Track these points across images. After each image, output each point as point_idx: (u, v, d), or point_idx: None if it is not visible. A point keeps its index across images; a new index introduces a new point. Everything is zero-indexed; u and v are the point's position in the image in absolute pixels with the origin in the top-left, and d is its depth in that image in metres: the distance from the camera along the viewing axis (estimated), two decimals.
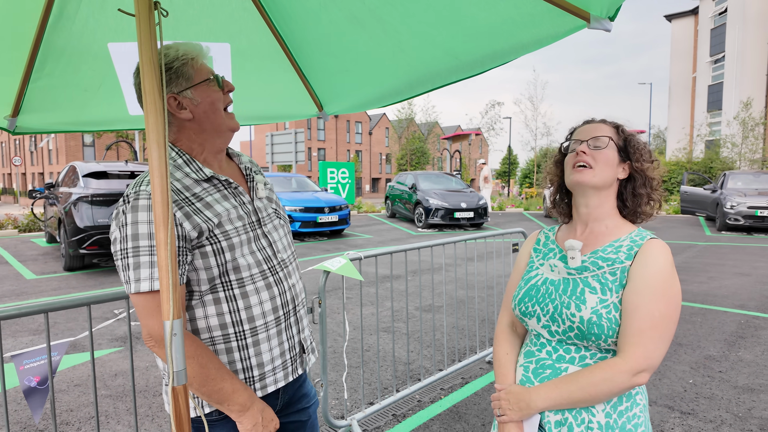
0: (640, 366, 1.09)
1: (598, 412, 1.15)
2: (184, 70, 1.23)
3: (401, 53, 1.76)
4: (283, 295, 1.32)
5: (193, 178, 1.23)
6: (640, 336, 1.10)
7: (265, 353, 1.28)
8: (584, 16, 1.41)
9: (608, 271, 1.18)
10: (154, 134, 1.00)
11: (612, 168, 1.24)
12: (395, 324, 5.06)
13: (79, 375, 3.85)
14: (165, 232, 1.00)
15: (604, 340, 1.14)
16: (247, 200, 1.32)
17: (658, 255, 1.15)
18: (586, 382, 1.12)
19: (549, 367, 1.21)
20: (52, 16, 1.56)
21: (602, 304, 1.15)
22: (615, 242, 1.21)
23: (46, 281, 7.31)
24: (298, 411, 1.45)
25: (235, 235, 1.23)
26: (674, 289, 1.13)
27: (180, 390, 1.02)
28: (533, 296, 1.27)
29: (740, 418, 3.06)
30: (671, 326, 1.12)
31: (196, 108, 1.24)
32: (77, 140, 35.65)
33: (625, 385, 1.10)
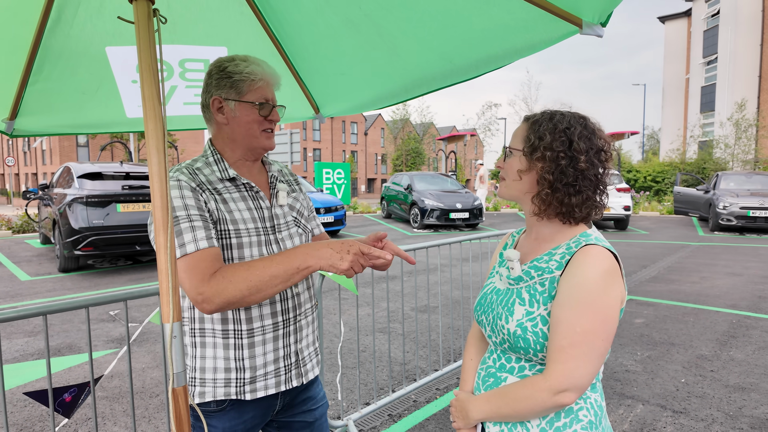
0: (560, 385, 1.01)
1: (532, 427, 1.10)
2: (239, 85, 1.31)
3: (396, 57, 1.79)
4: (284, 302, 1.35)
5: (217, 177, 1.32)
6: (560, 353, 1.01)
7: (259, 357, 1.31)
8: (576, 22, 1.44)
9: (538, 282, 1.10)
10: (154, 140, 1.02)
11: (513, 171, 1.16)
12: (391, 325, 5.08)
13: (74, 376, 3.85)
14: (165, 236, 1.02)
15: (533, 354, 1.08)
16: (265, 205, 1.37)
17: (588, 264, 1.03)
18: (512, 397, 1.08)
19: (492, 376, 1.18)
20: (50, 20, 1.57)
21: (528, 316, 1.08)
22: (553, 250, 1.12)
23: (40, 282, 7.28)
24: (304, 412, 1.47)
25: (245, 235, 1.29)
26: (602, 302, 1.01)
27: (180, 391, 1.04)
28: (482, 305, 1.24)
29: (731, 417, 3.10)
30: (597, 343, 1.01)
31: (233, 119, 1.33)
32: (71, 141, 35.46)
33: (547, 404, 1.03)
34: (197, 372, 1.29)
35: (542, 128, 1.12)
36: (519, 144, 1.16)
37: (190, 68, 1.87)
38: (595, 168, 1.10)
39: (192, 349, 1.30)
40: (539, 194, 1.12)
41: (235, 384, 1.29)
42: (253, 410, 1.34)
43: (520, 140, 1.16)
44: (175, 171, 1.28)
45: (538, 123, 1.14)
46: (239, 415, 1.32)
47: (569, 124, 1.11)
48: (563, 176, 1.09)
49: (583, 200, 1.10)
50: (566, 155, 1.09)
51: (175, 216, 1.19)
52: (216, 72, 1.33)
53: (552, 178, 1.09)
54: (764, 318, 5.22)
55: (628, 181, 25.04)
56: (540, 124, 1.13)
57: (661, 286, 6.76)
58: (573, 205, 1.10)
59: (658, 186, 25.02)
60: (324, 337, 4.67)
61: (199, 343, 1.29)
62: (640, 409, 3.22)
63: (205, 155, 1.36)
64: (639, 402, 3.32)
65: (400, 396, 3.30)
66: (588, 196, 1.10)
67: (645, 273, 7.70)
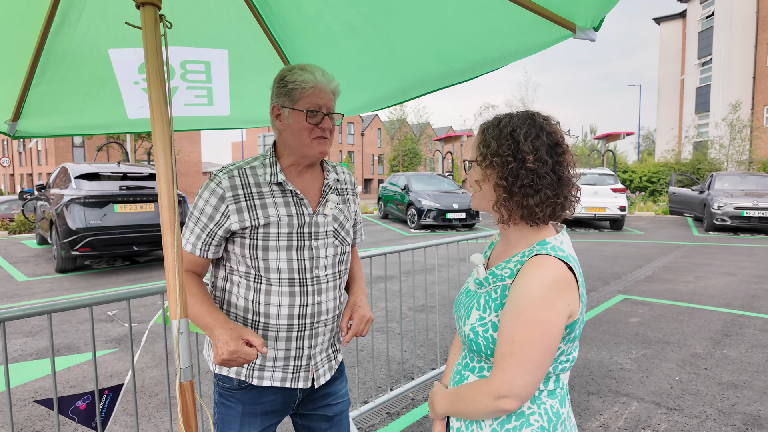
0: (499, 391, 1.02)
1: (485, 427, 1.11)
2: (293, 93, 1.36)
3: (395, 59, 1.82)
4: (303, 308, 1.39)
5: (267, 179, 1.38)
6: (500, 360, 1.03)
7: (270, 350, 1.38)
8: (570, 27, 1.47)
9: (493, 289, 1.12)
10: (161, 142, 1.05)
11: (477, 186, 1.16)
12: (389, 324, 5.11)
13: (74, 376, 3.86)
14: (171, 235, 1.05)
15: (485, 358, 1.11)
16: (308, 212, 1.40)
17: (532, 276, 1.02)
18: (462, 397, 1.12)
19: (459, 373, 1.22)
20: (54, 23, 1.60)
21: (480, 321, 1.10)
22: (513, 257, 1.11)
23: (38, 283, 7.28)
24: (324, 406, 1.53)
25: (274, 239, 1.35)
26: (542, 315, 0.99)
27: (187, 386, 1.07)
28: (456, 304, 1.26)
29: (724, 414, 3.15)
30: (534, 354, 1.00)
31: (287, 125, 1.38)
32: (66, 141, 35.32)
33: (488, 408, 1.05)
34: None
35: (489, 135, 1.11)
36: (474, 154, 1.16)
37: (191, 69, 1.90)
38: (547, 165, 1.06)
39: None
40: (498, 201, 1.10)
41: (247, 366, 1.38)
42: (273, 395, 1.42)
43: (474, 150, 1.16)
44: (225, 172, 1.36)
45: (486, 131, 1.13)
46: (259, 396, 1.40)
47: (514, 126, 1.08)
48: (516, 179, 1.06)
49: (542, 200, 1.06)
50: (515, 158, 1.06)
51: (191, 212, 1.33)
52: (278, 80, 1.39)
53: (506, 184, 1.07)
54: (758, 317, 5.28)
55: (623, 181, 25.17)
56: (487, 131, 1.13)
57: (656, 286, 6.82)
58: (533, 206, 1.07)
59: (653, 186, 25.16)
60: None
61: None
62: (635, 406, 3.27)
63: (265, 155, 1.43)
64: (634, 399, 3.36)
65: (398, 394, 3.33)
66: (547, 195, 1.06)
67: (640, 273, 7.76)
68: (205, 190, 1.34)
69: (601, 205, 13.39)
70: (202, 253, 1.34)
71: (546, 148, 1.07)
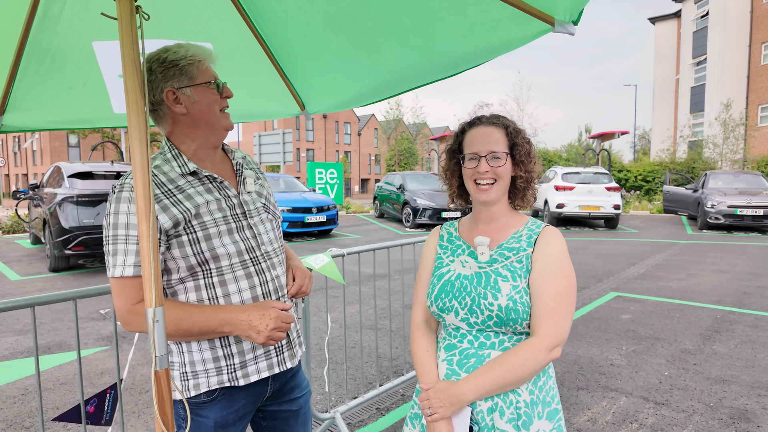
0: (554, 341, 1.20)
1: (523, 392, 1.23)
2: (188, 69, 1.29)
3: (377, 54, 1.83)
4: (265, 285, 1.35)
5: (178, 172, 1.29)
6: (550, 314, 1.20)
7: (246, 342, 1.31)
8: (549, 21, 1.49)
9: (515, 260, 1.27)
10: (136, 131, 1.06)
11: (509, 176, 1.34)
12: (379, 321, 5.12)
13: (64, 374, 3.86)
14: (147, 223, 1.05)
15: (520, 323, 1.23)
16: (232, 194, 1.36)
17: (555, 240, 1.28)
18: (511, 364, 1.19)
19: (473, 356, 1.26)
20: (37, 16, 1.60)
21: (515, 290, 1.23)
22: (516, 234, 1.33)
23: (31, 282, 7.26)
24: (290, 401, 1.49)
25: (212, 225, 1.28)
26: (571, 269, 1.27)
27: (162, 374, 1.07)
28: (449, 291, 1.31)
29: (711, 408, 3.17)
30: (573, 302, 1.25)
31: (192, 105, 1.30)
32: (62, 141, 35.19)
33: (544, 361, 1.20)
34: (187, 366, 1.30)
35: (521, 137, 1.34)
36: (504, 148, 1.32)
37: None
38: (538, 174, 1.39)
39: (176, 345, 1.31)
40: (523, 192, 1.36)
41: (226, 371, 1.30)
42: (245, 398, 1.35)
43: (506, 147, 1.32)
44: (131, 177, 1.19)
45: (516, 131, 1.34)
46: (230, 404, 1.33)
47: (524, 132, 1.36)
48: (532, 175, 1.35)
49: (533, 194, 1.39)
50: (530, 158, 1.35)
51: (114, 234, 1.19)
52: (157, 65, 1.28)
53: (530, 177, 1.35)
54: (748, 313, 5.32)
55: (618, 180, 25.25)
56: (518, 132, 1.34)
57: (649, 283, 6.86)
58: (535, 196, 1.39)
59: (648, 185, 25.25)
60: (313, 334, 4.71)
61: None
62: (623, 401, 3.29)
63: (163, 152, 1.33)
64: (622, 394, 3.38)
65: (387, 390, 3.34)
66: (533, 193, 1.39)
67: (633, 270, 7.80)
68: (120, 203, 1.19)
69: (596, 203, 13.45)
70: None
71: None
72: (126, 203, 1.19)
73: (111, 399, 1.94)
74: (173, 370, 1.31)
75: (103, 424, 1.89)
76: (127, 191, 1.20)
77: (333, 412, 2.94)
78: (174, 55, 1.29)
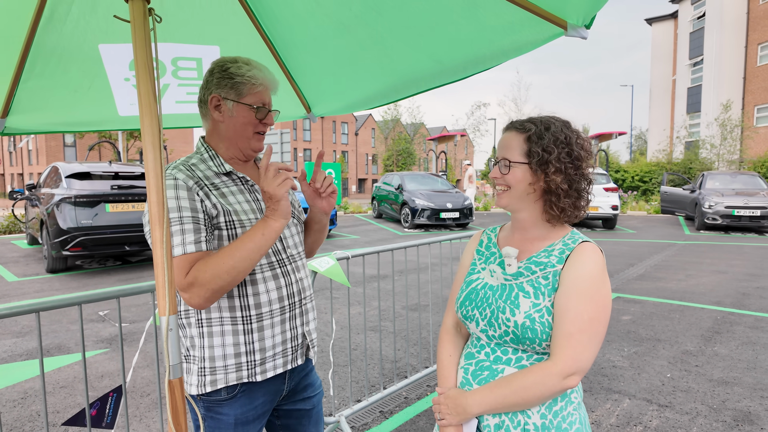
0: (569, 369, 1.10)
1: (533, 414, 1.16)
2: (240, 87, 1.36)
3: (387, 58, 1.82)
4: (290, 287, 1.41)
5: (213, 171, 1.36)
6: (568, 339, 1.10)
7: (268, 339, 1.36)
8: (561, 25, 1.48)
9: (541, 276, 1.18)
10: (150, 136, 1.04)
11: (524, 184, 1.21)
12: (382, 323, 5.11)
13: (64, 377, 3.83)
14: (161, 230, 1.04)
15: (538, 343, 1.15)
16: (261, 197, 1.42)
17: (587, 258, 1.15)
18: (519, 385, 1.13)
19: (487, 369, 1.22)
20: (44, 18, 1.58)
21: (535, 308, 1.15)
22: (549, 247, 1.21)
23: (28, 283, 7.21)
24: (303, 399, 1.53)
25: (249, 224, 1.34)
26: (603, 292, 1.13)
27: (176, 383, 1.06)
28: (473, 300, 1.27)
29: (715, 410, 3.17)
30: (600, 329, 1.12)
31: (229, 118, 1.37)
32: (58, 141, 35.01)
33: (556, 389, 1.11)
34: (207, 361, 1.32)
35: (546, 141, 1.18)
36: (520, 157, 1.21)
37: (182, 66, 1.89)
38: (588, 168, 1.22)
39: (200, 339, 1.33)
40: (557, 203, 1.20)
41: (246, 367, 1.33)
42: (263, 396, 1.40)
43: (521, 153, 1.21)
44: (173, 169, 1.31)
45: (538, 136, 1.19)
46: (250, 401, 1.37)
47: (565, 134, 1.19)
48: (573, 182, 1.19)
49: (587, 201, 1.23)
50: (572, 164, 1.18)
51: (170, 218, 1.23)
52: (218, 71, 1.37)
53: (567, 187, 1.18)
54: (747, 314, 5.33)
55: (615, 181, 25.31)
56: (541, 136, 1.19)
57: (648, 284, 6.87)
58: (581, 208, 1.22)
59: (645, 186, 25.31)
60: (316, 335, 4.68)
61: (207, 333, 1.32)
62: (627, 403, 3.29)
63: (199, 152, 1.40)
64: (626, 396, 3.38)
65: (391, 393, 3.33)
66: (586, 197, 1.23)
67: (632, 271, 7.81)
68: (167, 189, 1.25)
69: (594, 204, 13.46)
70: (209, 246, 1.25)
71: (588, 153, 1.22)
72: (173, 189, 1.25)
73: (113, 402, 1.93)
74: (192, 363, 1.34)
75: (104, 427, 1.88)
76: (171, 180, 1.26)
77: (337, 415, 2.93)
78: (236, 69, 1.36)
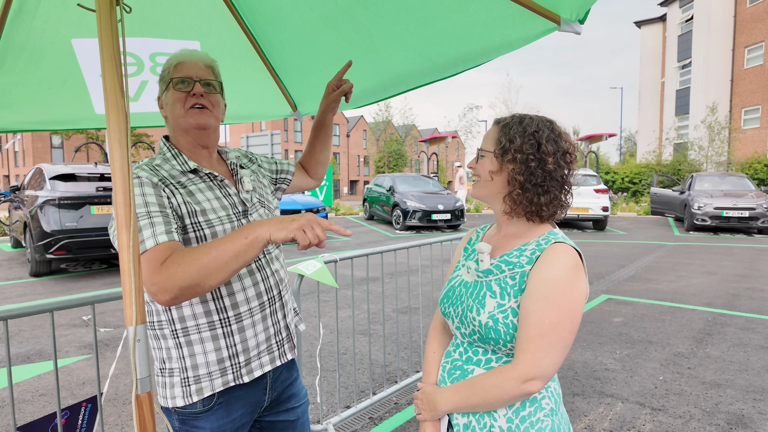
0: (528, 374, 1.06)
1: (499, 417, 1.14)
2: (165, 75, 1.33)
3: (374, 54, 1.76)
4: (266, 281, 1.35)
5: (178, 170, 1.31)
6: (529, 343, 1.06)
7: (251, 339, 1.31)
8: (555, 19, 1.43)
9: (509, 275, 1.15)
10: (116, 133, 0.97)
11: (487, 173, 1.19)
12: (372, 326, 5.04)
13: (44, 384, 3.72)
14: (128, 234, 0.97)
15: (503, 344, 1.12)
16: (233, 192, 1.37)
17: (557, 261, 1.09)
18: (480, 387, 1.12)
19: (459, 368, 1.21)
20: (12, 11, 1.50)
21: (499, 308, 1.12)
22: (522, 246, 1.17)
23: (10, 287, 7.05)
24: (287, 410, 1.46)
25: (218, 223, 1.28)
26: (570, 297, 1.07)
27: (144, 398, 0.98)
28: (450, 297, 1.26)
29: (708, 413, 3.14)
30: (564, 334, 1.07)
31: (167, 108, 1.34)
32: (44, 142, 34.55)
33: (514, 393, 1.08)
34: (189, 371, 1.25)
35: (513, 131, 1.17)
36: (490, 146, 1.21)
37: (161, 62, 1.81)
38: (561, 169, 1.16)
39: (177, 350, 1.26)
40: (510, 194, 1.17)
41: (231, 370, 1.28)
42: (242, 407, 1.33)
43: (492, 142, 1.21)
44: (136, 168, 1.26)
45: (508, 126, 1.18)
46: (227, 414, 1.29)
47: (538, 128, 1.16)
48: (532, 177, 1.14)
49: (550, 200, 1.16)
50: (535, 157, 1.14)
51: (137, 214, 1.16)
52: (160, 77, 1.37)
53: (522, 179, 1.14)
54: (738, 315, 5.33)
55: (606, 182, 25.45)
56: (510, 127, 1.18)
57: (639, 285, 6.86)
58: (541, 204, 1.15)
59: (635, 187, 25.49)
60: (304, 340, 4.61)
61: (185, 342, 1.25)
62: (620, 407, 3.25)
63: (162, 152, 1.36)
64: (618, 400, 3.34)
65: (381, 398, 3.26)
66: (555, 196, 1.16)
67: (623, 272, 7.81)
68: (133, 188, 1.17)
69: (584, 205, 13.50)
70: (179, 236, 1.17)
71: (561, 153, 1.16)
72: (139, 187, 1.20)
73: (87, 413, 1.83)
74: (172, 377, 1.26)
75: None
76: (135, 178, 1.21)
77: (325, 423, 2.85)
78: (165, 64, 1.34)
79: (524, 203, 1.15)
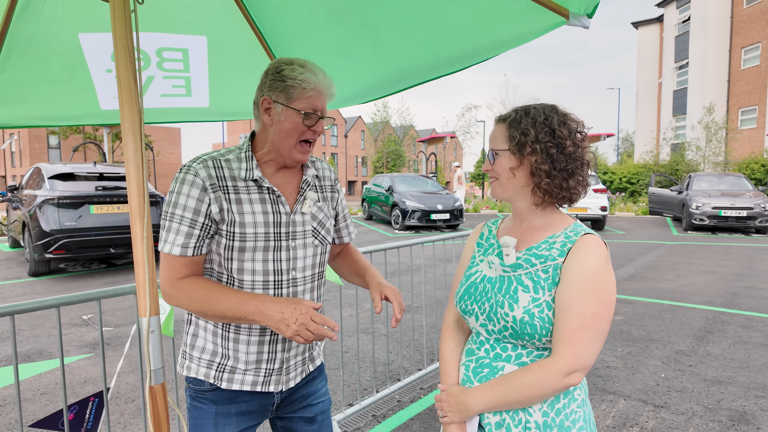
0: (571, 366, 1.06)
1: (535, 412, 1.13)
2: (291, 91, 1.26)
3: (381, 48, 1.76)
4: None
5: (242, 175, 1.28)
6: (570, 336, 1.06)
7: (241, 353, 1.31)
8: (563, 13, 1.43)
9: (541, 269, 1.14)
10: (130, 124, 0.97)
11: (507, 170, 1.19)
12: (374, 325, 5.04)
13: (45, 383, 3.70)
14: (141, 225, 0.96)
15: (538, 339, 1.11)
16: (285, 211, 1.32)
17: (590, 251, 1.10)
18: (519, 383, 1.10)
19: (487, 366, 1.19)
20: (19, 4, 1.50)
21: (534, 303, 1.11)
22: (550, 238, 1.17)
23: (9, 287, 7.02)
24: (303, 408, 1.46)
25: (251, 239, 1.26)
26: (606, 287, 1.09)
27: (158, 389, 0.98)
28: (472, 294, 1.23)
29: (710, 410, 3.15)
30: (603, 325, 1.08)
31: (277, 123, 1.28)
32: (42, 142, 34.43)
33: (557, 386, 1.08)
34: (188, 347, 1.33)
35: (523, 124, 1.16)
36: (503, 144, 1.20)
37: (168, 57, 1.81)
38: (579, 149, 1.17)
39: (188, 326, 1.33)
40: (539, 185, 1.16)
41: (216, 367, 1.30)
42: (247, 395, 1.35)
43: (503, 140, 1.20)
44: (199, 162, 1.24)
45: (516, 120, 1.18)
46: (233, 397, 1.33)
47: (546, 115, 1.16)
48: (557, 163, 1.13)
49: (578, 182, 1.16)
50: (553, 143, 1.14)
51: (170, 211, 1.19)
52: (272, 72, 1.29)
53: (548, 168, 1.14)
54: (738, 313, 5.35)
55: (604, 182, 25.49)
56: (519, 121, 1.17)
57: (639, 284, 6.88)
58: (570, 189, 1.15)
59: (633, 187, 25.54)
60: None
61: (194, 321, 1.31)
62: (623, 404, 3.25)
63: (240, 149, 1.32)
64: (621, 397, 3.35)
65: (384, 396, 3.26)
66: (582, 177, 1.17)
67: (623, 272, 7.82)
68: (182, 183, 1.20)
69: (583, 205, 13.52)
70: (197, 251, 1.21)
71: (574, 134, 1.16)
72: (188, 186, 1.20)
73: (94, 408, 1.83)
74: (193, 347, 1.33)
75: None
76: (191, 175, 1.21)
77: None
78: (290, 71, 1.27)
79: (554, 191, 1.15)
